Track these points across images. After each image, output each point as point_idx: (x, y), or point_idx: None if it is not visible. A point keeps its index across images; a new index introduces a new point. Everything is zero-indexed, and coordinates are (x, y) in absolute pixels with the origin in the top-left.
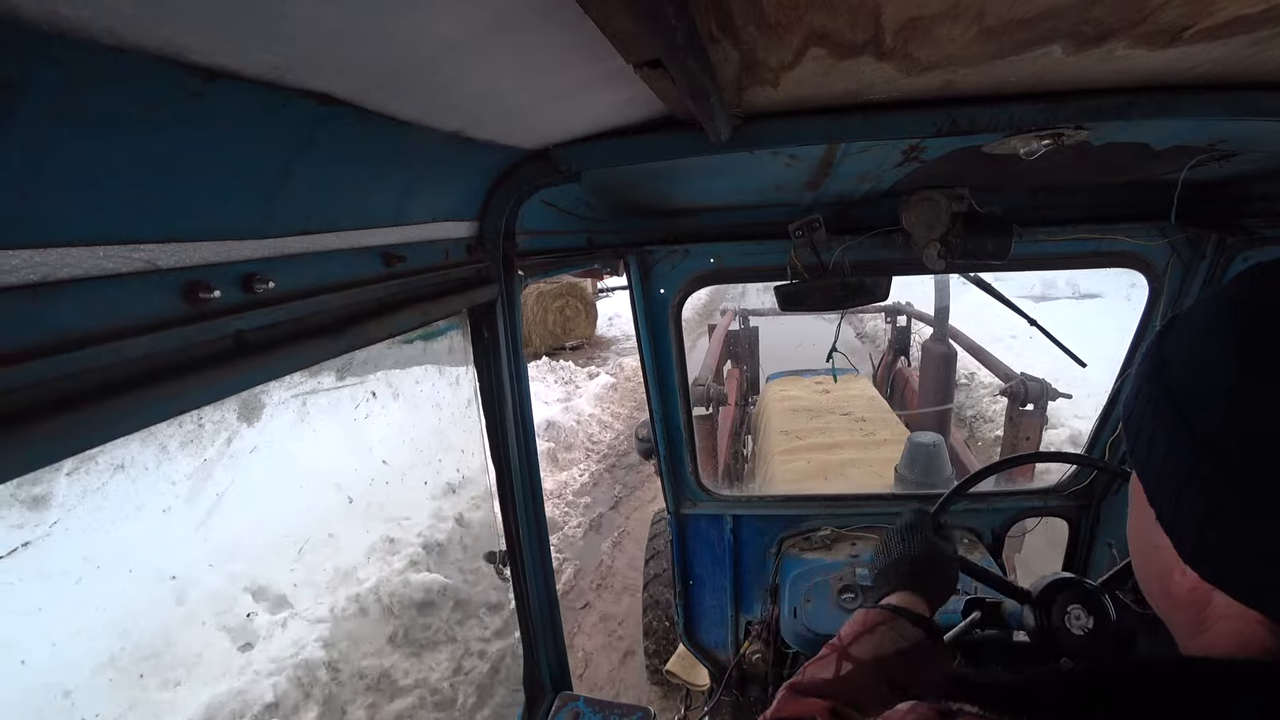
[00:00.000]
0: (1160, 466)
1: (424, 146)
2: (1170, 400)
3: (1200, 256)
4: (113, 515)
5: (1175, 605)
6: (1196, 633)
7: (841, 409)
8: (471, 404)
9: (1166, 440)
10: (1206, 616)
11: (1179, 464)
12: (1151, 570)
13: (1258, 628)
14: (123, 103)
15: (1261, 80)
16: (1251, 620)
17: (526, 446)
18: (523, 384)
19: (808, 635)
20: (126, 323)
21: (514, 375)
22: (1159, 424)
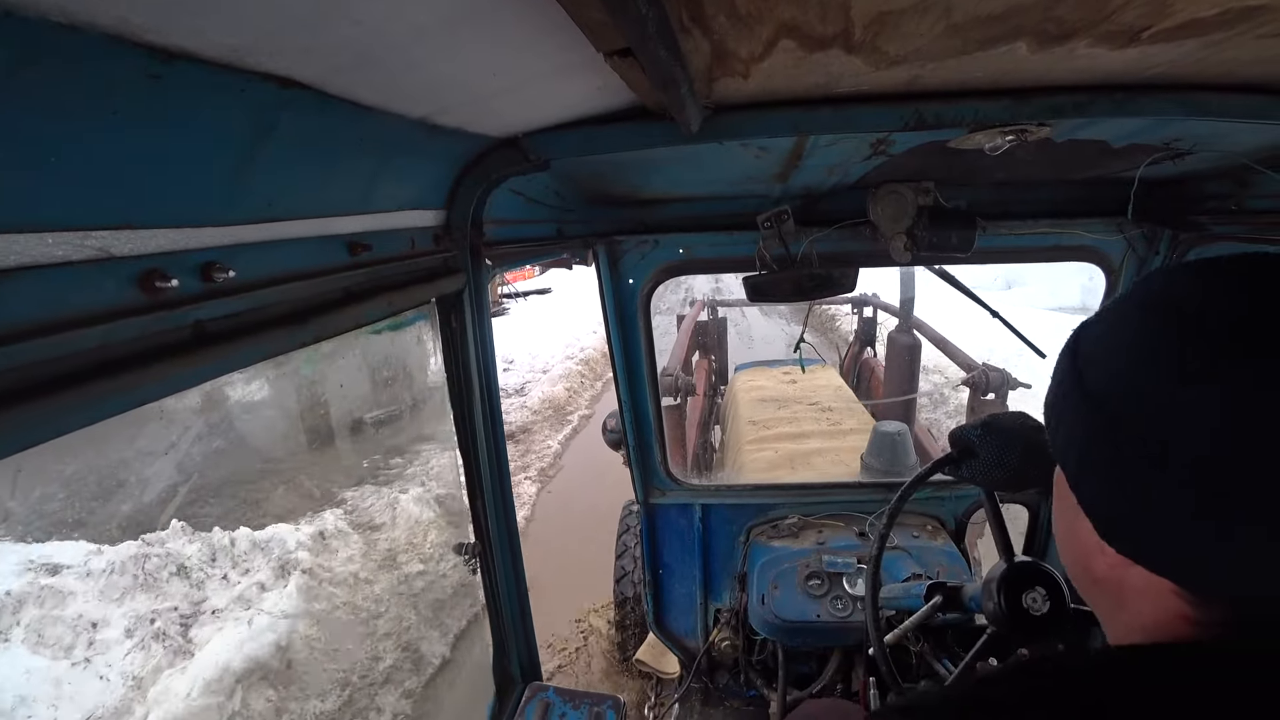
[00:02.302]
0: (1078, 453)
1: (390, 133)
2: (1084, 392)
3: (1154, 252)
4: None
5: (1097, 586)
6: (1117, 611)
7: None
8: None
9: (1083, 429)
10: (1125, 594)
11: (1094, 449)
12: (1076, 555)
13: (1171, 598)
14: (75, 83)
15: (1214, 82)
16: (1165, 591)
17: (495, 438)
18: (491, 375)
19: (775, 622)
20: (79, 313)
21: (482, 367)
22: (1075, 414)
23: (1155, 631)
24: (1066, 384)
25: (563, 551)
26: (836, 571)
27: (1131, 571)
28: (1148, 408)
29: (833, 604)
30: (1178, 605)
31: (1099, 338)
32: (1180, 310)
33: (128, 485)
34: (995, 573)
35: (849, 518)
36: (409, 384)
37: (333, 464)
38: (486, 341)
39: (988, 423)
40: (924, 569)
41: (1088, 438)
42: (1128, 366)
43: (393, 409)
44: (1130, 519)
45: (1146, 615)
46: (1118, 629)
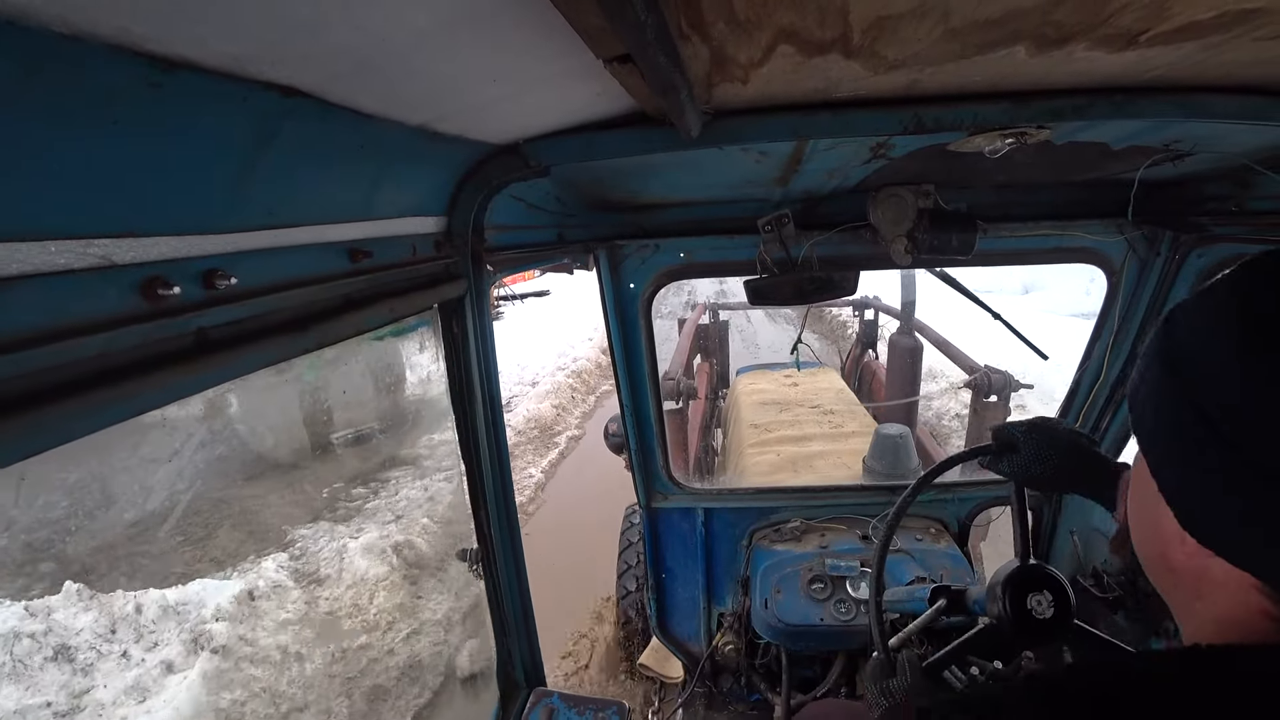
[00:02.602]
0: (1163, 440)
1: (391, 140)
2: (1174, 377)
3: (1155, 253)
4: None
5: (1175, 576)
6: (1194, 601)
7: (810, 402)
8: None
9: (1169, 415)
10: (1204, 586)
11: (1180, 436)
12: (1153, 544)
13: (1252, 592)
14: (77, 93)
15: (1213, 83)
16: (1246, 586)
17: (498, 443)
18: (493, 380)
19: (779, 626)
20: (81, 320)
21: (484, 372)
22: (1163, 400)
23: (1232, 626)
24: (1154, 370)
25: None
26: (840, 575)
27: (1212, 563)
28: (1234, 398)
29: (836, 607)
30: (1259, 601)
31: (1189, 326)
32: (1259, 301)
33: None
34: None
35: (851, 521)
36: (383, 401)
37: (290, 493)
38: (488, 347)
39: (1034, 423)
40: (927, 572)
41: (1173, 426)
42: (1219, 357)
43: (363, 428)
44: (1211, 509)
45: (1224, 608)
46: (1193, 621)
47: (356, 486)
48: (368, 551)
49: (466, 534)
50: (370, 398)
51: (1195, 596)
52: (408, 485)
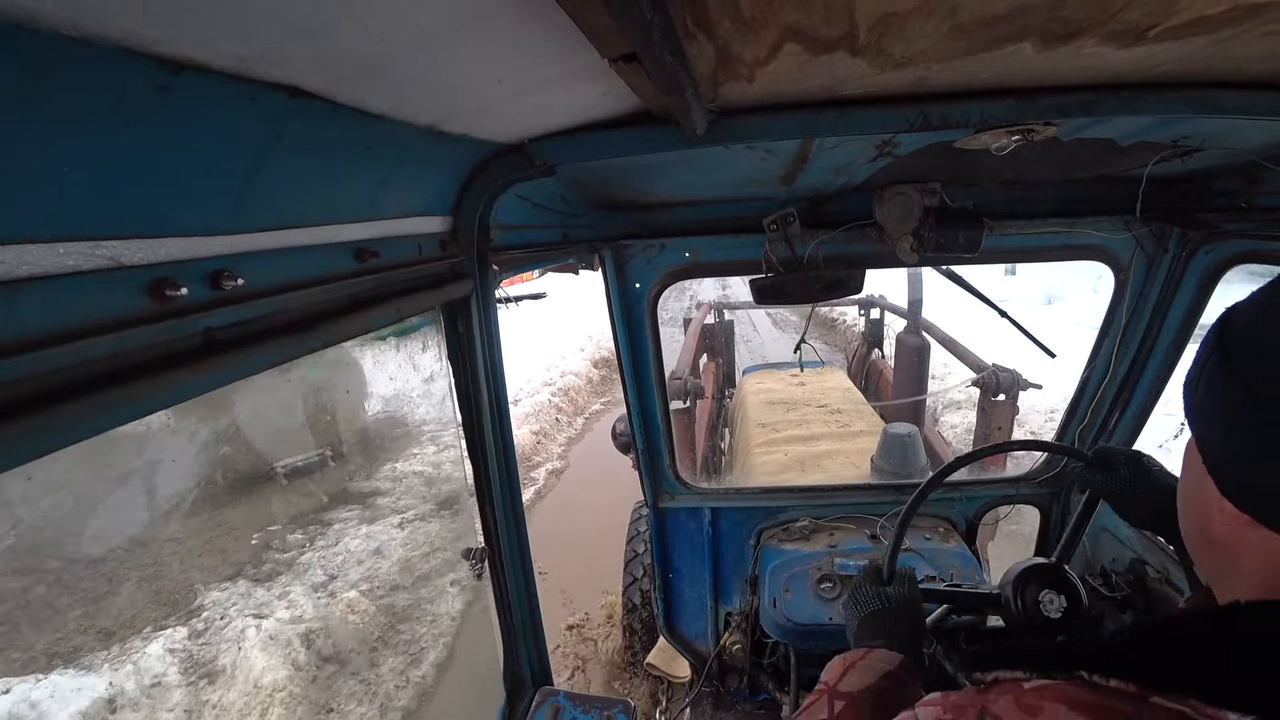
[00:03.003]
0: (1211, 415)
1: (396, 140)
2: (1225, 360)
3: (1163, 250)
4: None
5: (1213, 547)
6: (1231, 572)
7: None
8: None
9: (1218, 390)
10: (1241, 555)
11: (1224, 408)
12: (1196, 517)
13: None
14: (85, 95)
15: (1222, 79)
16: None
17: (504, 442)
18: (499, 379)
19: (787, 625)
20: (90, 321)
21: (490, 371)
22: (1215, 380)
23: (1268, 592)
24: (1209, 349)
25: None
26: (849, 574)
27: (1250, 533)
28: (1266, 367)
29: None
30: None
31: (1245, 314)
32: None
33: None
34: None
35: (860, 520)
36: (340, 421)
37: (219, 537)
38: (494, 346)
39: (1136, 455)
40: (937, 571)
41: (1219, 399)
42: (1263, 329)
43: (312, 455)
44: (1249, 474)
45: (1259, 575)
46: (1230, 591)
47: (294, 531)
48: (271, 643)
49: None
50: (327, 417)
51: (1233, 566)
52: (352, 531)
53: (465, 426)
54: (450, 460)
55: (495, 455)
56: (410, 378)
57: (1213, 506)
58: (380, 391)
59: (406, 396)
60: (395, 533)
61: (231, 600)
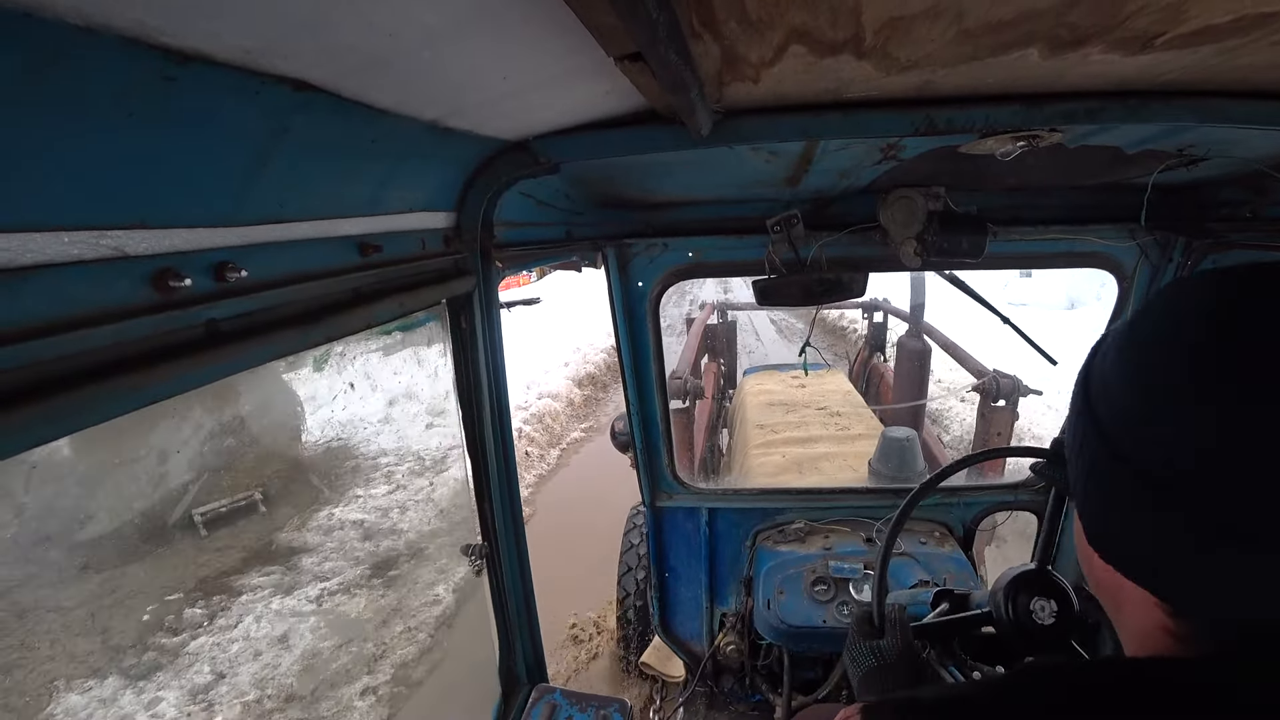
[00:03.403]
0: (1076, 459)
1: (401, 135)
2: (1087, 408)
3: (1168, 259)
4: None
5: (1100, 590)
6: (1118, 615)
7: (817, 403)
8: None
9: (1081, 438)
10: (1121, 600)
11: (1090, 460)
12: (1082, 556)
13: (1154, 610)
14: (91, 85)
15: (1229, 88)
16: (1149, 602)
17: (503, 438)
18: (500, 376)
19: (781, 627)
20: (93, 310)
21: (491, 367)
22: (1078, 425)
23: (1144, 640)
24: (1077, 390)
25: None
26: (843, 577)
27: (1124, 581)
28: (1121, 420)
29: (839, 609)
30: (1159, 617)
31: (1104, 346)
32: (1154, 331)
33: None
34: (1005, 579)
35: (856, 523)
36: (278, 456)
37: (108, 607)
38: (496, 343)
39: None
40: (931, 576)
41: (1080, 443)
42: (1114, 381)
43: (239, 499)
44: (1104, 522)
45: (1136, 623)
46: (1122, 634)
47: (195, 602)
48: None
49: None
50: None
51: (1117, 610)
52: (261, 606)
53: (465, 423)
54: (399, 505)
55: (495, 452)
56: (372, 398)
57: (1092, 552)
58: (335, 416)
59: (366, 421)
60: (309, 611)
61: (89, 710)
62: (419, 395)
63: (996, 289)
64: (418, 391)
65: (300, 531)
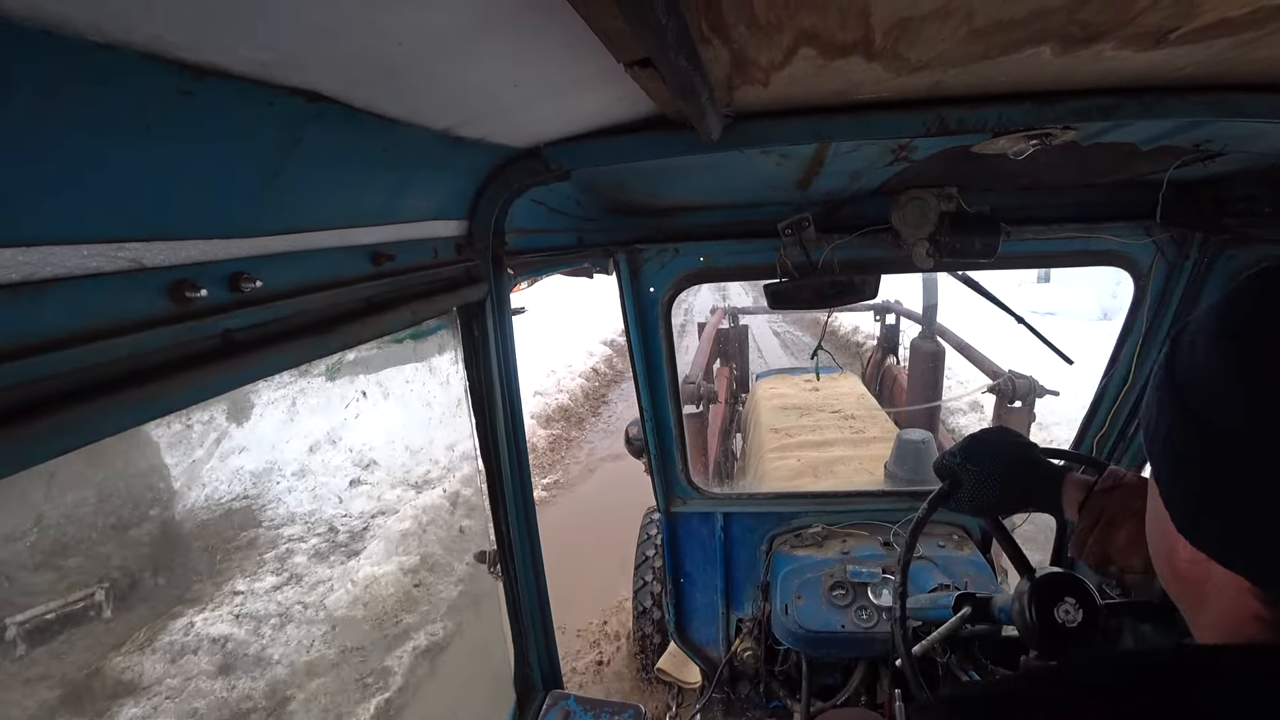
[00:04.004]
0: (1163, 447)
1: (413, 144)
2: (1174, 389)
3: (1184, 256)
4: None
5: (1181, 583)
6: (1199, 608)
7: (831, 407)
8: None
9: (1169, 424)
10: (1207, 591)
11: (1178, 444)
12: (1162, 551)
13: (1246, 597)
14: (109, 100)
15: (1245, 82)
16: (1241, 589)
17: (517, 445)
18: (513, 382)
19: (799, 632)
20: (111, 322)
21: (504, 374)
22: (1164, 410)
23: (1231, 632)
24: (1161, 379)
25: None
26: (861, 581)
27: (1213, 568)
28: (1231, 413)
29: (858, 614)
30: (1251, 604)
31: (1191, 338)
32: (1249, 320)
33: None
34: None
35: (873, 527)
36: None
37: None
38: (508, 349)
39: (966, 447)
40: (951, 579)
41: (1169, 430)
42: (1206, 368)
43: (77, 599)
44: (1201, 510)
45: (1223, 614)
46: (1201, 628)
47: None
48: None
49: None
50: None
51: (1200, 603)
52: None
53: (479, 430)
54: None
55: (509, 458)
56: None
57: (1175, 541)
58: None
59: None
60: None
61: None
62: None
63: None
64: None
65: (143, 653)
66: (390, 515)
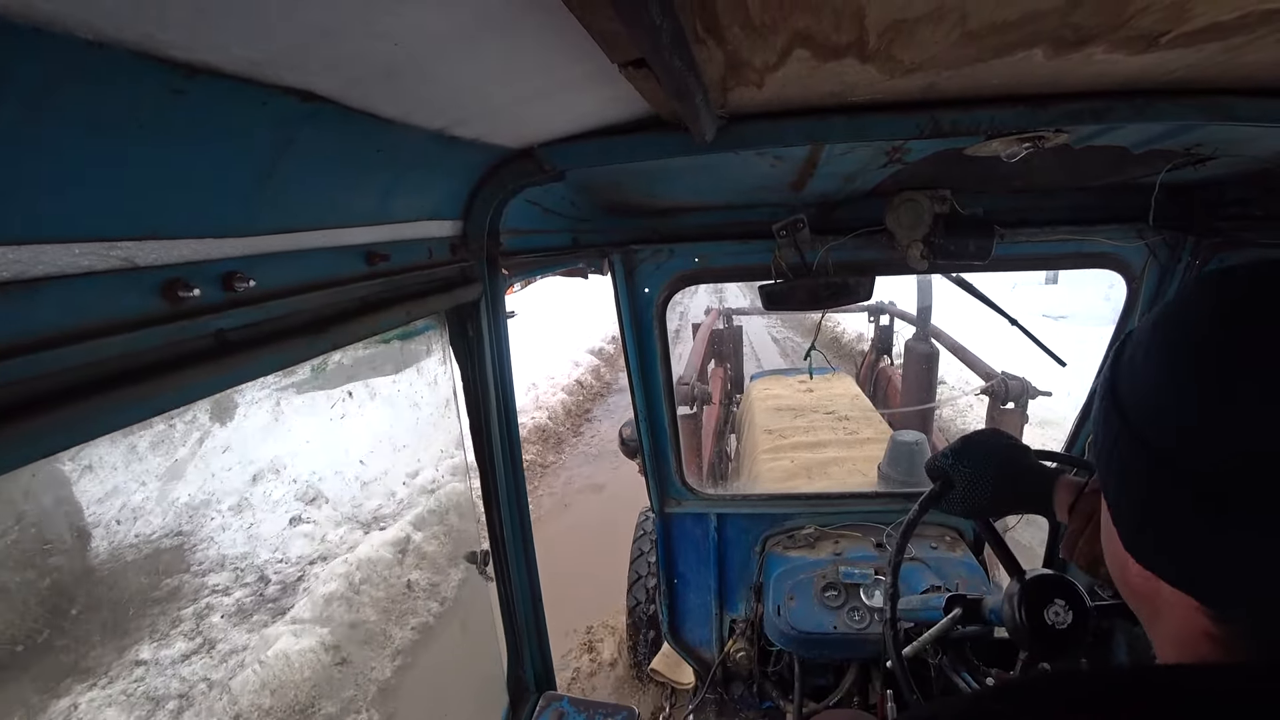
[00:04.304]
0: (1108, 460)
1: (407, 145)
2: (1115, 401)
3: (1176, 258)
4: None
5: (1135, 598)
6: (1155, 622)
7: (825, 408)
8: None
9: (1114, 436)
10: (1158, 606)
11: (1123, 457)
12: (1114, 565)
13: (1194, 613)
14: (102, 99)
15: (1236, 85)
16: (1188, 606)
17: (510, 445)
18: (507, 383)
19: (791, 634)
20: (103, 321)
21: (498, 374)
22: (1108, 422)
23: (1183, 646)
24: (1104, 391)
25: None
26: (853, 583)
27: (1160, 584)
28: (1158, 421)
29: (850, 615)
30: (1201, 621)
31: (1131, 349)
32: (1181, 326)
33: None
34: (1015, 587)
35: (866, 528)
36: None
37: None
38: (503, 350)
39: (958, 448)
40: (943, 581)
41: (1114, 443)
42: (1144, 378)
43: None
44: (1145, 524)
45: (1175, 629)
46: (1158, 642)
47: None
48: None
49: None
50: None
51: (1154, 617)
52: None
53: (473, 431)
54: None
55: (502, 459)
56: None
57: (1125, 555)
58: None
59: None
60: None
61: None
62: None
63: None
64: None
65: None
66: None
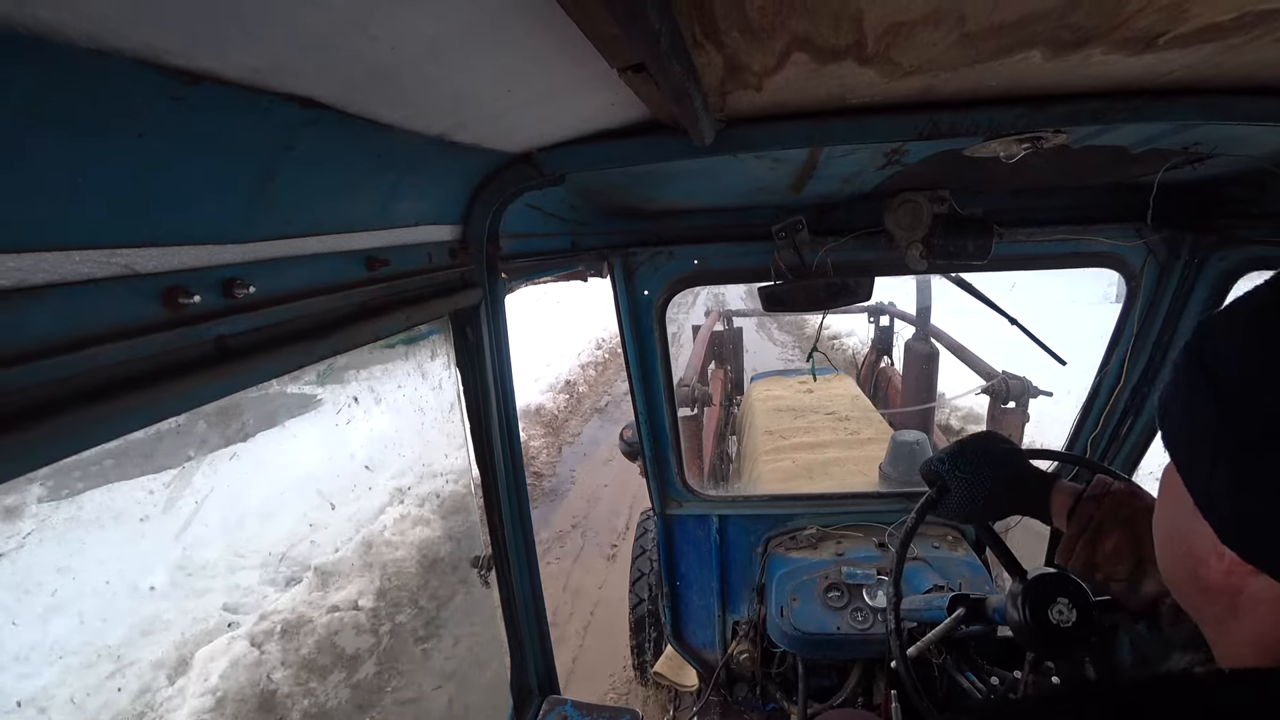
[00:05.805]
0: (1199, 450)
1: (407, 150)
2: (1212, 384)
3: (1175, 257)
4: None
5: (1206, 595)
6: (1229, 621)
7: (825, 408)
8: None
9: (1206, 423)
10: (1240, 604)
11: (1218, 444)
12: (1181, 561)
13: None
14: (103, 106)
15: (1234, 85)
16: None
17: (512, 449)
18: (508, 387)
19: (794, 634)
20: (104, 328)
21: (499, 378)
22: (1197, 408)
23: (1273, 646)
24: (1190, 377)
25: None
26: (856, 583)
27: (1252, 580)
28: (1265, 389)
29: (853, 616)
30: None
31: (1228, 331)
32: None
33: None
34: (1018, 586)
35: (868, 528)
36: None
37: None
38: (503, 354)
39: (954, 452)
40: (946, 580)
41: (1211, 434)
42: (1263, 359)
43: None
44: (1257, 519)
45: (1264, 628)
46: (1226, 641)
47: None
48: None
49: None
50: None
51: (1230, 616)
52: None
53: (474, 435)
54: None
55: (504, 464)
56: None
57: (1206, 551)
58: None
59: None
60: None
61: None
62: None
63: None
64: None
65: None
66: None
